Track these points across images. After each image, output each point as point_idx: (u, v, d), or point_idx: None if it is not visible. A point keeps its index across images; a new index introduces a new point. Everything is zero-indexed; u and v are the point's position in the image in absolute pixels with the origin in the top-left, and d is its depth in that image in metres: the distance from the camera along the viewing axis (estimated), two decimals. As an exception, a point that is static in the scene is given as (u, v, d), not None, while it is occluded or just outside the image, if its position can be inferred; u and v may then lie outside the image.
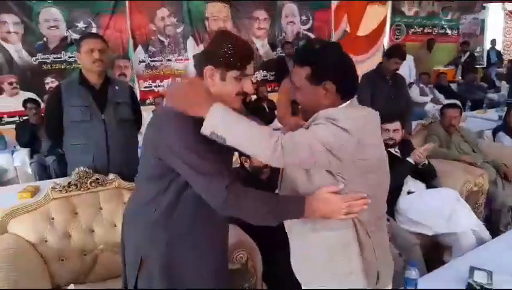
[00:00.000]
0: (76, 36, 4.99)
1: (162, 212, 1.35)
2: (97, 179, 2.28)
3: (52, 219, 2.16)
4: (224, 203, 1.22)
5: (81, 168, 2.26)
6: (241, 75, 1.29)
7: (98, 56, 2.33)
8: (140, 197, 1.43)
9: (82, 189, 2.25)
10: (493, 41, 10.09)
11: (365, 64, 6.77)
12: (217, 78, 1.28)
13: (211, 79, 1.29)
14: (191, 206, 1.35)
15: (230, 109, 1.20)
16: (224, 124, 1.16)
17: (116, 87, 2.50)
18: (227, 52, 1.25)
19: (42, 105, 4.63)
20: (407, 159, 2.85)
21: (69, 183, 2.21)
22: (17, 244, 2.01)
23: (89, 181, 2.26)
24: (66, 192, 2.21)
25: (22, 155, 4.15)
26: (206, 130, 1.17)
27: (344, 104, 1.30)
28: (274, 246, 2.10)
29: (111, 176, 2.31)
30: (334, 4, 6.95)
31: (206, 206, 1.26)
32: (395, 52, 3.61)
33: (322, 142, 1.17)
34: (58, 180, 2.32)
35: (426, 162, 2.89)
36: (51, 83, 4.97)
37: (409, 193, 2.86)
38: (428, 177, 2.93)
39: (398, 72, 3.74)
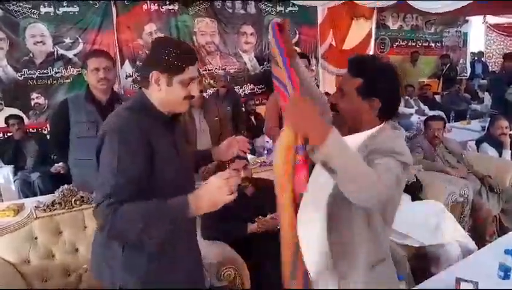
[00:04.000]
0: (63, 52, 4.97)
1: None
2: (82, 197, 2.26)
3: (36, 238, 2.13)
4: (103, 223, 1.21)
5: (65, 186, 2.24)
6: (188, 80, 1.30)
7: (103, 75, 2.37)
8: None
9: (66, 207, 2.23)
10: (479, 54, 10.31)
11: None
12: (163, 83, 1.30)
13: (157, 84, 1.30)
14: None
15: (343, 138, 1.11)
16: (342, 156, 1.07)
17: (122, 103, 2.50)
18: (170, 56, 1.27)
19: (26, 121, 4.60)
20: None
21: (53, 201, 2.20)
22: (-2, 265, 1.97)
23: (73, 199, 2.24)
24: (50, 211, 2.19)
25: (5, 172, 4.08)
26: (318, 159, 1.08)
27: (381, 125, 1.33)
28: (262, 261, 2.09)
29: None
30: (320, 18, 7.05)
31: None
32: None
33: (397, 177, 1.17)
34: (42, 199, 2.29)
35: (414, 179, 2.92)
36: (36, 98, 4.90)
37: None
38: (413, 189, 2.95)
39: None
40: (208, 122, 3.01)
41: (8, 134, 4.45)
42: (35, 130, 4.78)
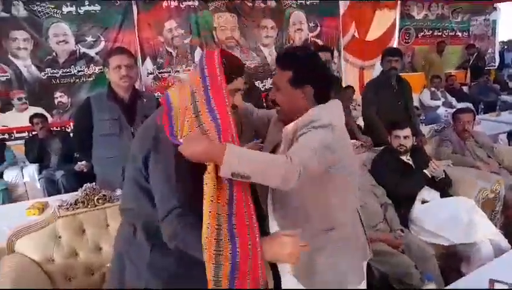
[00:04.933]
0: (85, 50, 5.03)
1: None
2: (104, 195, 2.25)
3: (59, 237, 2.12)
4: (170, 236, 1.22)
5: (88, 184, 2.24)
6: (234, 90, 1.33)
7: (125, 72, 2.36)
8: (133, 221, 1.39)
9: (89, 206, 2.21)
10: (509, 43, 9.92)
11: (376, 69, 6.74)
12: None
13: None
14: None
15: (237, 147, 1.22)
16: (243, 163, 1.18)
17: (145, 100, 2.51)
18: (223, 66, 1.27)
19: (50, 119, 4.68)
20: (424, 171, 2.78)
21: (76, 200, 2.19)
22: (23, 264, 1.97)
23: (95, 198, 2.23)
24: (73, 209, 2.18)
25: (30, 171, 4.17)
26: (226, 172, 1.17)
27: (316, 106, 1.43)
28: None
29: (118, 191, 2.28)
30: (342, 10, 6.91)
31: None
32: (386, 51, 3.58)
33: (318, 145, 1.29)
34: (65, 197, 2.30)
35: (443, 176, 2.81)
36: (60, 97, 4.99)
37: (423, 202, 2.79)
38: (443, 185, 2.84)
39: (402, 77, 3.69)
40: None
41: (33, 133, 4.54)
42: (59, 129, 4.87)
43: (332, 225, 1.48)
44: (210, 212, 1.18)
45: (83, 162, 3.96)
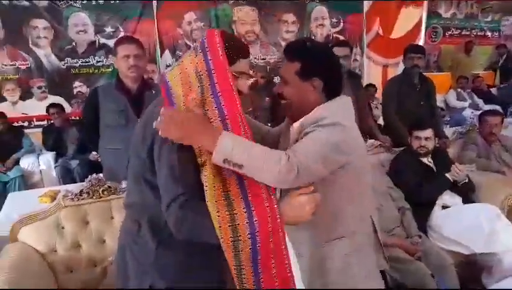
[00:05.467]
0: (104, 41, 5.03)
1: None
2: (109, 187, 2.20)
3: (63, 228, 2.10)
4: (176, 225, 1.13)
5: (94, 175, 2.20)
6: (238, 73, 1.24)
7: (133, 62, 2.31)
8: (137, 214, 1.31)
9: (94, 197, 2.18)
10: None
11: (400, 67, 6.54)
12: None
13: None
14: None
15: (237, 135, 1.16)
16: (238, 150, 1.11)
17: (153, 91, 2.45)
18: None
19: (69, 109, 4.71)
20: (446, 175, 2.64)
21: (81, 191, 2.15)
22: (26, 254, 1.96)
23: (101, 189, 2.19)
24: (78, 200, 2.15)
25: (47, 159, 4.20)
26: (218, 158, 1.11)
27: (325, 102, 1.35)
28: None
29: (124, 184, 2.23)
30: (366, 6, 6.73)
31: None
32: (408, 48, 3.45)
33: (324, 145, 1.21)
34: (71, 187, 2.27)
35: (466, 180, 2.66)
36: (79, 87, 5.02)
37: (443, 207, 2.65)
38: (466, 191, 2.70)
39: (426, 76, 3.55)
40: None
41: (51, 121, 4.58)
42: (77, 118, 4.89)
43: (342, 233, 1.37)
44: (216, 201, 1.11)
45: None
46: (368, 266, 1.43)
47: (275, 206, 1.15)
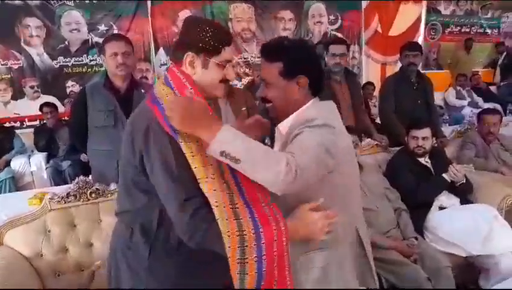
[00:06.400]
0: (97, 39, 4.97)
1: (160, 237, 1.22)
2: (97, 189, 2.16)
3: (49, 231, 2.06)
4: (188, 233, 1.12)
5: (81, 177, 2.15)
6: (225, 62, 1.22)
7: (122, 60, 2.25)
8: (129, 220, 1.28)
9: (82, 200, 2.13)
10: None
11: (399, 65, 6.47)
12: (199, 66, 1.21)
13: (192, 67, 1.21)
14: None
15: (239, 131, 1.15)
16: (237, 144, 1.09)
17: (142, 91, 2.39)
18: (206, 36, 1.18)
19: (62, 109, 4.66)
20: (443, 175, 2.58)
21: (68, 193, 2.11)
22: (11, 258, 1.92)
23: (88, 191, 2.14)
24: (65, 203, 2.10)
25: (38, 160, 4.14)
26: (215, 149, 1.08)
27: (311, 101, 1.34)
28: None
29: (112, 186, 2.19)
30: (364, 3, 6.69)
31: None
32: (404, 46, 3.40)
33: (316, 146, 1.17)
34: (59, 189, 2.22)
35: (464, 180, 2.61)
36: (71, 86, 4.97)
37: (440, 208, 2.60)
38: (463, 191, 2.64)
39: (424, 74, 3.50)
40: (235, 112, 2.82)
41: (44, 122, 4.52)
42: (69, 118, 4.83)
43: (321, 244, 1.27)
44: (216, 201, 1.08)
45: (87, 153, 3.90)
46: (347, 280, 1.35)
47: (282, 228, 1.12)
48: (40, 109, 4.35)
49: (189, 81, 1.20)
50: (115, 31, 4.99)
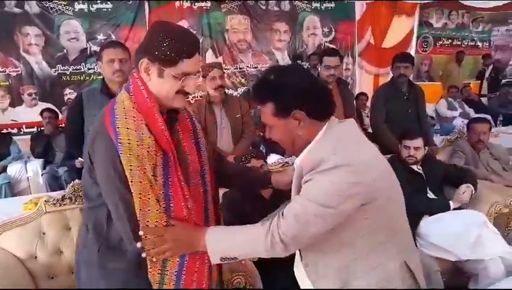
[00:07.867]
0: (96, 48, 5.03)
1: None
2: (92, 192, 2.17)
3: (44, 233, 2.07)
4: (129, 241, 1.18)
5: (77, 181, 2.18)
6: (181, 74, 1.15)
7: (118, 67, 2.29)
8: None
9: (76, 203, 2.15)
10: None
11: (390, 76, 6.56)
12: (154, 74, 1.16)
13: (147, 74, 1.17)
14: None
15: (218, 228, 1.27)
16: (227, 246, 1.19)
17: None
18: (162, 45, 1.12)
19: (60, 116, 4.69)
20: (450, 202, 2.63)
21: (63, 196, 2.12)
22: (5, 260, 1.93)
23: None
24: (60, 205, 2.12)
25: (34, 166, 4.15)
26: (215, 259, 1.20)
27: (322, 130, 1.20)
28: (276, 268, 1.93)
29: (108, 189, 2.20)
30: (358, 15, 6.79)
31: None
32: (396, 57, 3.45)
33: (323, 200, 1.09)
34: (55, 194, 2.24)
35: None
36: (69, 94, 5.01)
37: (431, 214, 2.63)
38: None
39: (415, 84, 3.56)
40: (229, 119, 2.88)
41: (41, 128, 4.55)
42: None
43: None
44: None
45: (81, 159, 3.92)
46: None
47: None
48: (41, 113, 4.39)
49: (146, 88, 1.17)
50: (114, 40, 5.05)
